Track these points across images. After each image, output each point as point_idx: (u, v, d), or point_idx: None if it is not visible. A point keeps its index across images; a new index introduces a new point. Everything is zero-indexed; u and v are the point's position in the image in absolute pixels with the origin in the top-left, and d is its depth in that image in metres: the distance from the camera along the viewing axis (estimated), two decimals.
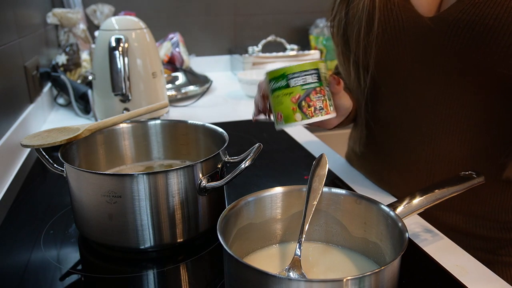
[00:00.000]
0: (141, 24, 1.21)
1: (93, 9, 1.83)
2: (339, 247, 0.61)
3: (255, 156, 0.64)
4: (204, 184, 0.65)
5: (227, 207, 0.55)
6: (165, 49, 1.73)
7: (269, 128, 1.26)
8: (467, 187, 0.64)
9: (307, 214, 0.57)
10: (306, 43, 2.03)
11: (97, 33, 1.25)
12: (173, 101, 1.52)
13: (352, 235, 0.59)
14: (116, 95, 1.14)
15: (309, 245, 0.61)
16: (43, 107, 1.34)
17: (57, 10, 1.62)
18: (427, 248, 0.67)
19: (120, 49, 1.13)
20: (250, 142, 1.13)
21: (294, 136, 1.17)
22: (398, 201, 0.60)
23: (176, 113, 1.41)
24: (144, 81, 1.19)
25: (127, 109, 1.18)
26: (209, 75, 1.75)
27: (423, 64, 0.72)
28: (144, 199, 0.62)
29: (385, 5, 0.73)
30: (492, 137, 0.72)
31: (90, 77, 1.39)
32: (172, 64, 1.72)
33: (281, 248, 0.61)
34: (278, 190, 0.60)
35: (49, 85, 1.46)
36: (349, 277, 0.43)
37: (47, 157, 0.70)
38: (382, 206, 0.56)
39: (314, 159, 0.63)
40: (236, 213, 0.56)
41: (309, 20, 2.04)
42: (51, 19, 1.61)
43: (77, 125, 0.72)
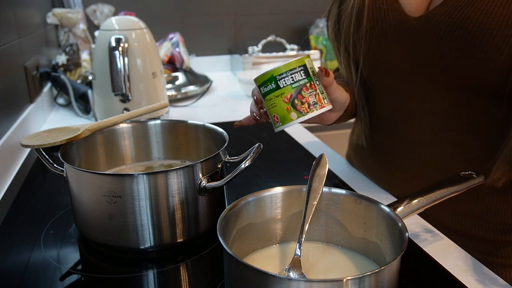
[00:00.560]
0: (141, 24, 1.21)
1: (93, 9, 1.83)
2: (339, 247, 0.61)
3: (255, 156, 0.64)
4: (204, 184, 0.65)
5: (227, 207, 0.55)
6: (165, 49, 1.73)
7: (269, 128, 1.26)
8: (467, 187, 0.64)
9: (307, 214, 0.57)
10: (306, 43, 2.03)
11: (97, 33, 1.25)
12: (173, 101, 1.52)
13: (352, 235, 0.59)
14: (116, 95, 1.14)
15: (309, 245, 0.61)
16: (43, 107, 1.34)
17: (57, 10, 1.62)
18: (427, 248, 0.67)
19: (120, 49, 1.13)
20: (250, 142, 1.13)
21: (294, 136, 1.17)
22: (398, 201, 0.60)
23: (176, 113, 1.41)
24: (144, 81, 1.19)
25: (127, 109, 1.18)
26: (209, 75, 1.75)
27: (409, 63, 0.73)
28: (144, 199, 0.62)
29: (374, 4, 0.74)
30: (484, 137, 0.72)
31: (90, 77, 1.39)
32: (172, 64, 1.72)
33: (281, 248, 0.61)
34: (278, 190, 0.60)
35: (49, 85, 1.46)
36: (349, 277, 0.43)
37: (47, 157, 0.70)
38: (382, 206, 0.56)
39: (314, 159, 0.63)
40: (236, 213, 0.56)
41: (309, 20, 2.04)
42: (51, 19, 1.61)
43: (77, 125, 0.72)
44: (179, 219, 0.65)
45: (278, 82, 0.65)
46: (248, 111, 0.77)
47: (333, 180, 0.90)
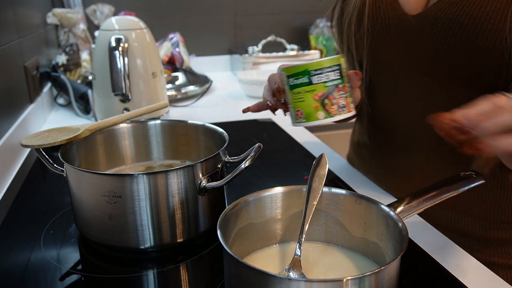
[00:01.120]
0: (141, 24, 1.21)
1: (93, 9, 1.83)
2: (339, 247, 0.61)
3: (255, 156, 0.64)
4: (204, 184, 0.65)
5: (227, 207, 0.55)
6: (165, 49, 1.73)
7: (269, 128, 1.27)
8: (467, 187, 0.64)
9: (307, 214, 0.57)
10: (306, 43, 2.03)
11: (97, 33, 1.25)
12: (173, 101, 1.52)
13: (352, 235, 0.59)
14: (116, 95, 1.14)
15: (309, 245, 0.61)
16: (43, 107, 1.34)
17: (57, 10, 1.62)
18: (427, 248, 0.67)
19: (120, 49, 1.13)
20: (250, 142, 1.13)
21: (294, 136, 1.17)
22: (398, 201, 0.60)
23: (176, 113, 1.41)
24: (144, 81, 1.19)
25: (127, 109, 1.18)
26: (209, 75, 1.75)
27: (408, 61, 0.74)
28: (144, 199, 0.62)
29: (374, 3, 0.75)
30: None
31: (90, 77, 1.39)
32: (172, 64, 1.72)
33: (281, 248, 0.61)
34: (278, 190, 0.60)
35: (49, 85, 1.46)
36: (349, 277, 0.43)
37: (47, 157, 0.70)
38: (382, 206, 0.56)
39: (314, 159, 0.63)
40: (236, 213, 0.56)
41: (309, 20, 2.04)
42: (51, 19, 1.61)
43: (77, 125, 0.72)
44: (179, 219, 0.65)
45: (312, 77, 0.63)
46: None
47: (333, 180, 0.90)
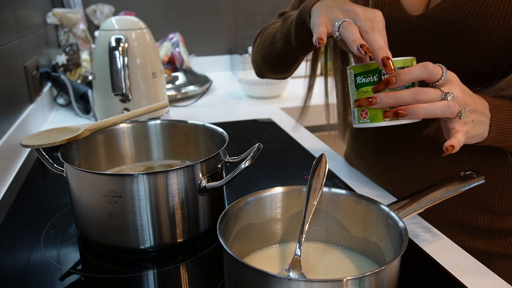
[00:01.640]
0: (141, 24, 1.21)
1: (93, 9, 1.83)
2: (339, 247, 0.61)
3: (255, 156, 0.64)
4: (204, 184, 0.65)
5: (227, 207, 0.55)
6: (165, 49, 1.73)
7: (269, 128, 1.27)
8: (467, 187, 0.64)
9: (307, 214, 0.57)
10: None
11: (97, 33, 1.25)
12: (173, 101, 1.52)
13: (352, 235, 0.59)
14: (116, 95, 1.14)
15: (309, 245, 0.61)
16: (43, 107, 1.34)
17: (57, 10, 1.62)
18: (427, 248, 0.67)
19: (120, 49, 1.13)
20: (250, 142, 1.13)
21: (294, 136, 1.17)
22: (398, 201, 0.60)
23: (176, 113, 1.41)
24: (144, 81, 1.19)
25: (127, 109, 1.18)
26: (209, 75, 1.75)
27: None
28: (144, 199, 0.62)
29: (377, 4, 0.76)
30: None
31: (90, 77, 1.39)
32: (172, 64, 1.72)
33: (281, 248, 0.61)
34: (278, 190, 0.60)
35: (49, 85, 1.46)
36: (349, 277, 0.43)
37: (47, 157, 0.70)
38: (382, 206, 0.56)
39: (314, 159, 0.63)
40: (236, 213, 0.56)
41: None
42: (51, 19, 1.61)
43: (77, 125, 0.72)
44: (179, 219, 0.65)
45: (383, 76, 0.60)
46: (248, 111, 0.77)
47: (333, 180, 0.90)
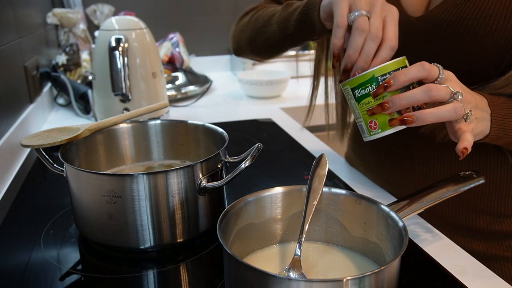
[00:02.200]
0: (141, 24, 1.21)
1: (93, 9, 1.83)
2: (339, 247, 0.61)
3: (255, 156, 0.64)
4: (204, 184, 0.65)
5: (227, 207, 0.55)
6: (165, 49, 1.73)
7: (269, 128, 1.27)
8: (467, 187, 0.64)
9: (307, 214, 0.57)
10: (305, 43, 2.03)
11: (97, 33, 1.25)
12: (173, 101, 1.52)
13: (352, 235, 0.59)
14: (116, 95, 1.14)
15: (309, 245, 0.61)
16: (43, 107, 1.34)
17: (57, 10, 1.62)
18: (427, 248, 0.67)
19: (120, 49, 1.13)
20: (250, 142, 1.13)
21: (294, 136, 1.17)
22: (398, 201, 0.60)
23: (176, 113, 1.41)
24: (144, 81, 1.19)
25: (127, 109, 1.18)
26: (209, 75, 1.75)
27: (411, 62, 0.74)
28: (144, 199, 0.62)
29: None
30: None
31: (90, 77, 1.39)
32: (172, 64, 1.72)
33: (281, 248, 0.61)
34: (278, 190, 0.60)
35: (49, 85, 1.46)
36: (349, 277, 0.43)
37: (47, 157, 0.70)
38: (382, 206, 0.56)
39: (314, 159, 0.63)
40: (236, 213, 0.56)
41: None
42: (51, 19, 1.61)
43: (77, 125, 0.72)
44: (179, 219, 0.65)
45: (381, 83, 0.58)
46: (248, 111, 0.77)
47: (333, 180, 0.90)
